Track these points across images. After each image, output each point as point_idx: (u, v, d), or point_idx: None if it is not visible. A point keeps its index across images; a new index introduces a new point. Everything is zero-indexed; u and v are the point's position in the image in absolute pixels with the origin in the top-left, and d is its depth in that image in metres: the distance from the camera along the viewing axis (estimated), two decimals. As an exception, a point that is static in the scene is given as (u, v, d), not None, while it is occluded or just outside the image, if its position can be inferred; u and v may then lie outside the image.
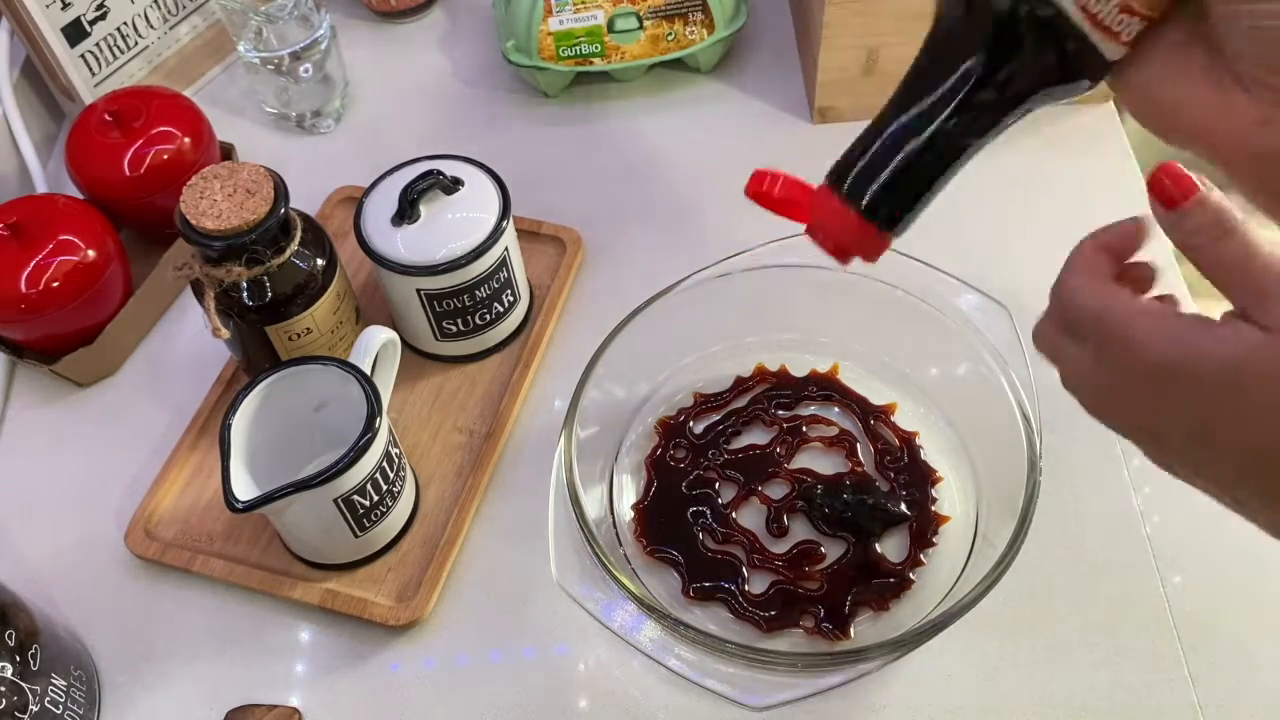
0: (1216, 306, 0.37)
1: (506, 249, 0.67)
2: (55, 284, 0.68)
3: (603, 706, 0.60)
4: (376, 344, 0.62)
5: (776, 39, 0.89)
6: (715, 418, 0.67)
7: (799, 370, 0.68)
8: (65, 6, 0.81)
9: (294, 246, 0.63)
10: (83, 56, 0.83)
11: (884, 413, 0.66)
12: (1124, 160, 0.80)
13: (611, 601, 0.55)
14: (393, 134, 0.86)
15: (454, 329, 0.69)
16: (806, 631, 0.59)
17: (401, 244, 0.65)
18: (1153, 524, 0.63)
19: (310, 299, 0.64)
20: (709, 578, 0.61)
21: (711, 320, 0.67)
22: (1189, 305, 0.38)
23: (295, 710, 0.60)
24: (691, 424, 0.67)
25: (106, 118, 0.74)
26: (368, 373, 0.60)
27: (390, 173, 0.68)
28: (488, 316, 0.69)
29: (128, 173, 0.74)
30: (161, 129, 0.75)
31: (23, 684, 0.54)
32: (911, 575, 0.60)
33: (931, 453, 0.65)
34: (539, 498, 0.67)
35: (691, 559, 0.62)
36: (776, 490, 0.64)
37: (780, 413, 0.67)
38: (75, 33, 0.82)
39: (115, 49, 0.85)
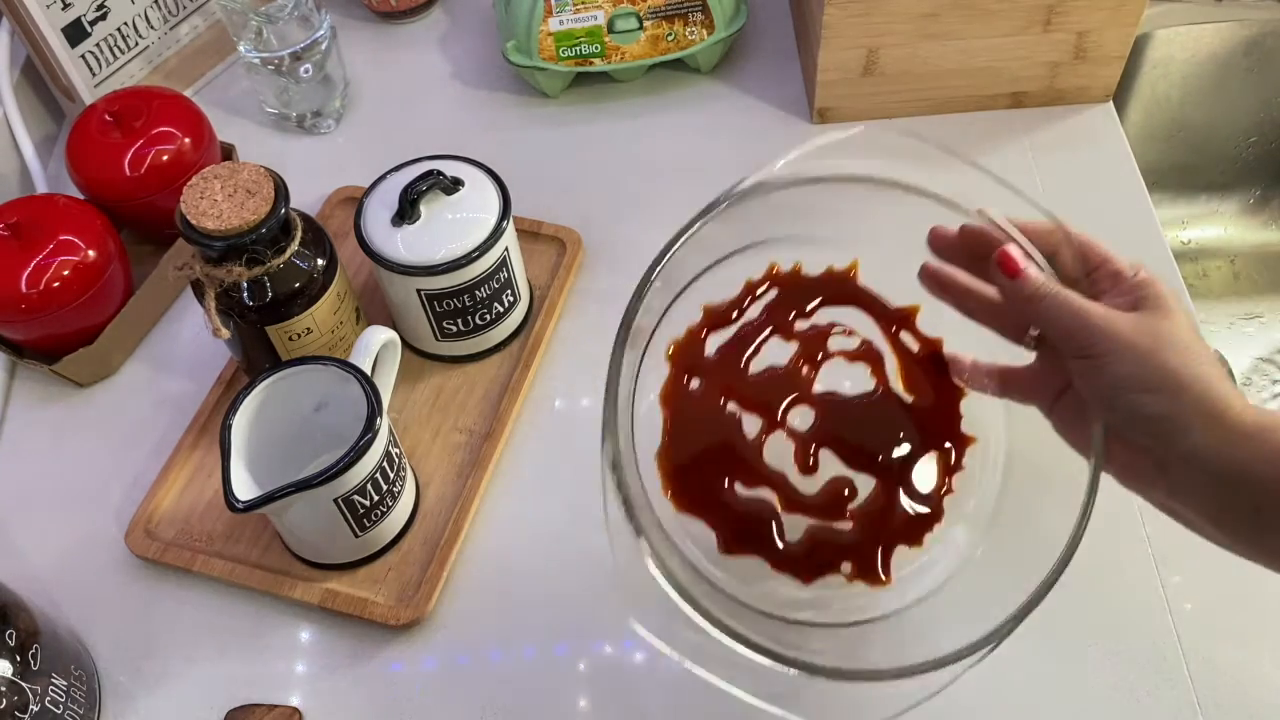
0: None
1: (506, 249, 0.67)
2: (55, 284, 0.68)
3: (603, 706, 0.60)
4: (376, 344, 0.62)
5: (776, 39, 0.89)
6: (728, 334, 0.59)
7: (814, 268, 0.60)
8: (66, 7, 0.81)
9: (294, 247, 0.63)
10: (83, 57, 0.83)
11: (907, 317, 0.59)
12: (1124, 160, 0.80)
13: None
14: (393, 134, 0.86)
15: (454, 329, 0.69)
16: (847, 578, 0.55)
17: (401, 244, 0.65)
18: (1153, 524, 0.63)
19: (310, 299, 0.64)
20: (744, 529, 0.56)
21: (722, 234, 0.59)
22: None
23: (295, 710, 0.60)
24: (704, 346, 0.59)
25: (107, 118, 0.74)
26: (368, 373, 0.60)
27: (390, 173, 0.68)
28: (488, 316, 0.69)
29: (128, 173, 0.74)
30: (162, 129, 0.75)
31: (23, 684, 0.54)
32: (943, 505, 0.56)
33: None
34: (539, 497, 0.67)
35: (724, 511, 0.56)
36: (802, 419, 0.58)
37: (798, 324, 0.59)
38: (75, 33, 0.82)
39: (115, 49, 0.85)
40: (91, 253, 0.70)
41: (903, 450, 0.57)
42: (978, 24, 0.76)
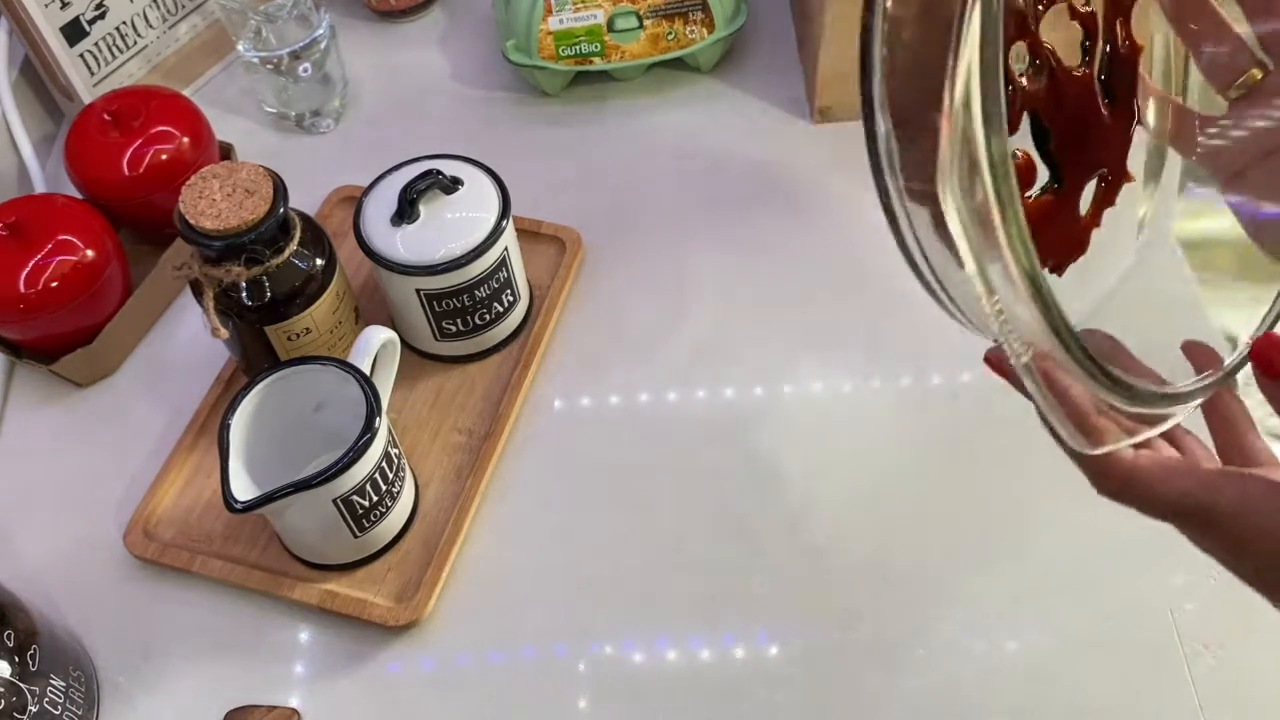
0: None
1: (506, 249, 0.67)
2: (54, 284, 0.68)
3: (603, 706, 0.59)
4: (376, 344, 0.62)
5: (776, 39, 0.89)
6: None
7: None
8: (64, 6, 0.81)
9: (293, 246, 0.63)
10: (82, 56, 0.83)
11: (1130, 6, 0.49)
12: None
13: None
14: (392, 134, 0.86)
15: (454, 329, 0.69)
16: None
17: (401, 244, 0.65)
18: (1153, 524, 0.63)
19: (309, 299, 0.64)
20: None
21: None
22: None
23: (295, 711, 0.60)
24: None
25: (105, 117, 0.74)
26: (367, 373, 0.60)
27: (390, 172, 0.68)
28: (487, 316, 0.69)
29: (127, 173, 0.74)
30: (160, 129, 0.75)
31: (21, 684, 0.54)
32: (1088, 238, 0.49)
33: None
34: (539, 497, 0.67)
35: None
36: (1018, 62, 0.47)
37: None
38: (74, 32, 0.82)
39: (114, 48, 0.85)
40: (90, 252, 0.70)
41: (1080, 154, 0.48)
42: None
